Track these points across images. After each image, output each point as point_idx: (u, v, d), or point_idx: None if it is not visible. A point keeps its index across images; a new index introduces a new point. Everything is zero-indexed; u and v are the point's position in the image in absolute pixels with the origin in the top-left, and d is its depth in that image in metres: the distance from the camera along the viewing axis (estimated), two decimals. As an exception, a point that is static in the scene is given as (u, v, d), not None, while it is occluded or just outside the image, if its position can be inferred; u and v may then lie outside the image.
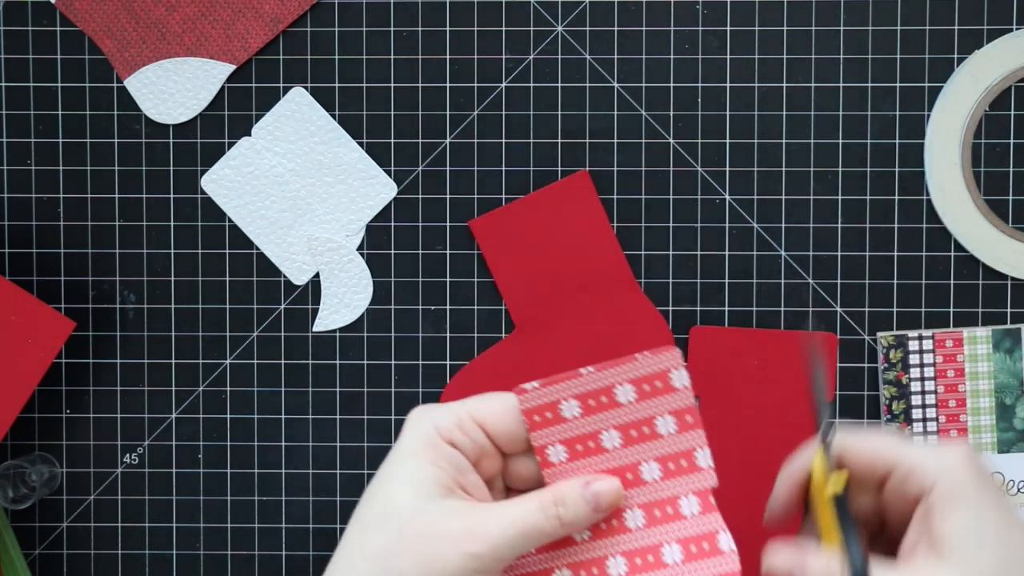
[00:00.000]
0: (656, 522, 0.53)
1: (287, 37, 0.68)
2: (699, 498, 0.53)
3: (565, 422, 0.53)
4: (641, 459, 0.53)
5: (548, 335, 0.67)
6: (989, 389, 0.67)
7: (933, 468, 0.50)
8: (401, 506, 0.50)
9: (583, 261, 0.67)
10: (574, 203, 0.67)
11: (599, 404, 0.53)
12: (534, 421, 0.53)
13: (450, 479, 0.51)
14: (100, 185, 0.68)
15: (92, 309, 0.68)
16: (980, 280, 0.67)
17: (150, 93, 0.68)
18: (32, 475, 0.67)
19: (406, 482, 0.51)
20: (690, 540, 0.53)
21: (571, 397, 0.53)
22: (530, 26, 0.67)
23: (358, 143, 0.68)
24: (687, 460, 0.53)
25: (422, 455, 0.51)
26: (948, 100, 0.67)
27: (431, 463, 0.51)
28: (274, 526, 0.69)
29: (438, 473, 0.51)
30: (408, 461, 0.51)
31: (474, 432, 0.52)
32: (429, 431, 0.52)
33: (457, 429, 0.52)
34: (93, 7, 0.67)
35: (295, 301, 0.68)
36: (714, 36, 0.67)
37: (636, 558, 0.53)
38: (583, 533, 0.53)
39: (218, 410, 0.69)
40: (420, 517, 0.50)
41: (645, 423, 0.53)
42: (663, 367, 0.52)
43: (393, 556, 0.49)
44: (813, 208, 0.67)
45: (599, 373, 0.53)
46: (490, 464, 0.53)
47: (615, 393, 0.53)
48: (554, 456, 0.54)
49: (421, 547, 0.49)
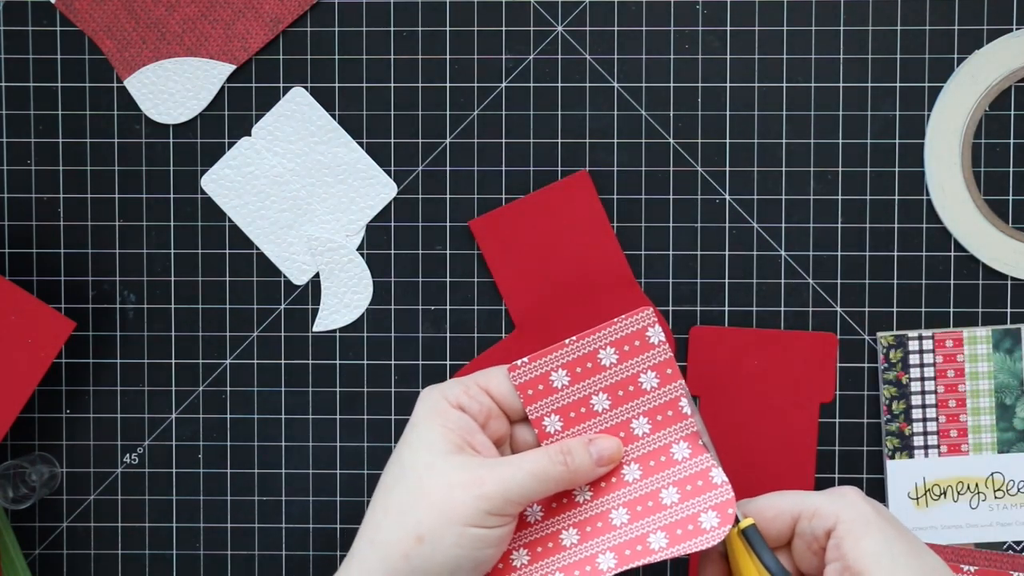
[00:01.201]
0: (652, 471, 0.56)
1: (287, 37, 0.68)
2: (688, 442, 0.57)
3: (556, 392, 0.57)
4: (631, 416, 0.57)
5: (548, 335, 0.67)
6: (989, 389, 0.67)
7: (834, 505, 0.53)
8: (416, 464, 0.54)
9: (583, 261, 0.67)
10: (574, 203, 0.67)
11: (585, 370, 0.57)
12: (528, 395, 0.57)
13: (459, 438, 0.55)
14: (100, 185, 0.68)
15: (92, 309, 0.68)
16: (980, 280, 0.67)
17: (150, 93, 0.68)
18: (32, 475, 0.67)
19: (419, 445, 0.55)
20: (685, 481, 0.56)
21: (559, 367, 0.57)
22: (530, 26, 0.67)
23: (358, 143, 0.68)
24: (673, 410, 0.57)
25: (432, 420, 0.55)
26: (948, 100, 0.67)
27: (441, 426, 0.55)
28: (274, 526, 0.69)
29: (448, 433, 0.55)
30: (420, 428, 0.55)
31: (480, 396, 0.56)
32: (437, 399, 0.56)
33: (464, 395, 0.56)
34: (93, 7, 0.67)
35: (295, 301, 0.68)
36: (714, 36, 0.67)
37: (637, 506, 0.56)
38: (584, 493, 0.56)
39: (218, 410, 0.69)
40: (433, 471, 0.53)
41: (630, 381, 0.57)
42: (640, 326, 0.57)
43: (411, 508, 0.53)
44: (813, 208, 0.67)
45: (582, 341, 0.57)
46: (497, 425, 0.57)
47: (599, 357, 0.57)
48: (550, 426, 0.57)
49: (436, 496, 0.53)
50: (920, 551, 0.53)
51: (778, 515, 0.55)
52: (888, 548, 0.52)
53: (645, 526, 0.54)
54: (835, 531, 0.53)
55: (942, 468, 0.67)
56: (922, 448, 0.67)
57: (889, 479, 0.67)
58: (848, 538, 0.52)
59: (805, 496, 0.55)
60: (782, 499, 0.55)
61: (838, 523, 0.53)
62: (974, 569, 0.66)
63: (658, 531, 0.54)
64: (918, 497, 0.67)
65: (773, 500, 0.55)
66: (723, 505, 0.54)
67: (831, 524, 0.53)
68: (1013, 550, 0.67)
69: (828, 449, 0.68)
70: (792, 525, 0.55)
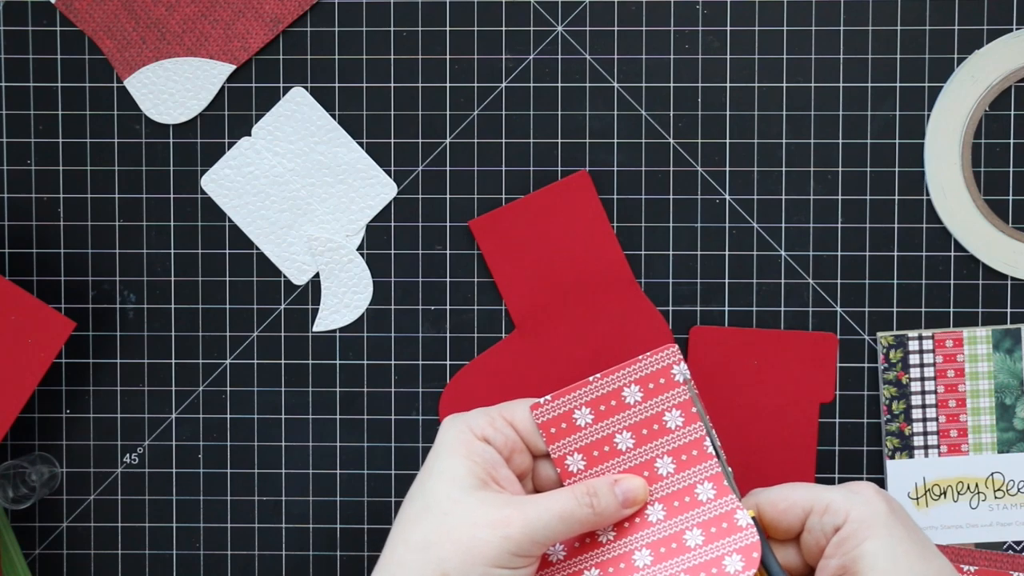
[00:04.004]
0: (676, 512, 0.55)
1: (287, 37, 0.68)
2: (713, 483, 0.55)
3: (579, 430, 0.56)
4: (655, 456, 0.56)
5: (548, 335, 0.67)
6: (989, 389, 0.67)
7: (846, 502, 0.53)
8: (440, 498, 0.53)
9: (583, 261, 0.67)
10: (574, 203, 0.67)
11: (609, 408, 0.56)
12: (550, 433, 0.56)
13: (484, 472, 0.54)
14: (100, 185, 0.68)
15: (92, 309, 0.68)
16: (980, 280, 0.67)
17: (150, 93, 0.68)
18: (32, 475, 0.67)
19: (443, 477, 0.54)
20: (710, 523, 0.55)
21: (582, 405, 0.56)
22: (530, 26, 0.67)
23: (358, 143, 0.68)
24: (697, 450, 0.56)
25: (457, 452, 0.54)
26: (948, 100, 0.67)
27: (466, 458, 0.54)
28: (274, 526, 0.69)
29: (472, 467, 0.54)
30: (444, 458, 0.54)
31: (505, 429, 0.56)
32: (463, 430, 0.55)
33: (489, 426, 0.55)
34: (93, 7, 0.67)
35: (295, 301, 0.68)
36: (714, 36, 0.67)
37: (660, 548, 0.55)
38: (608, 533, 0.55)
39: (218, 410, 0.69)
40: (458, 508, 0.53)
41: (655, 420, 0.55)
42: (665, 363, 0.55)
43: (435, 545, 0.52)
44: (813, 208, 0.67)
45: (606, 378, 0.56)
46: (521, 460, 0.56)
47: (623, 395, 0.55)
48: (573, 465, 0.56)
49: (461, 534, 0.52)
50: (927, 554, 0.52)
51: (790, 508, 0.54)
52: (890, 549, 0.51)
53: (668, 568, 0.54)
54: (842, 528, 0.52)
55: (942, 468, 0.67)
56: (922, 448, 0.67)
57: (889, 479, 0.67)
58: (853, 537, 0.52)
59: (819, 491, 0.54)
60: (795, 492, 0.55)
61: (847, 521, 0.52)
62: (974, 569, 0.67)
63: (681, 573, 0.53)
64: (918, 497, 0.67)
65: (786, 492, 0.55)
66: (748, 548, 0.53)
67: (840, 521, 0.53)
68: (1013, 550, 0.67)
69: (828, 449, 0.68)
70: (803, 519, 0.54)
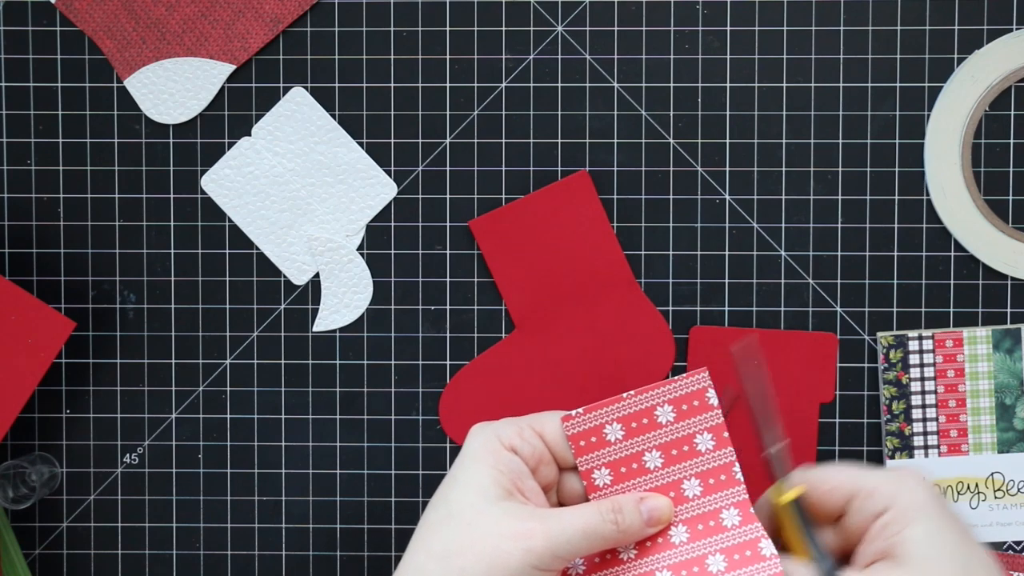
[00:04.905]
0: (699, 535, 0.55)
1: (287, 37, 0.68)
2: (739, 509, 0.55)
3: (609, 445, 0.56)
4: (682, 477, 0.56)
5: (548, 335, 0.67)
6: (989, 389, 0.67)
7: (892, 487, 0.52)
8: (464, 507, 0.53)
9: (583, 261, 0.67)
10: (574, 203, 0.67)
11: (640, 426, 0.56)
12: (580, 446, 0.56)
13: (510, 483, 0.54)
14: (100, 185, 0.68)
15: (92, 309, 0.68)
16: (980, 280, 0.67)
17: (150, 93, 0.68)
18: (32, 475, 0.67)
19: (468, 486, 0.53)
20: (733, 549, 0.54)
21: (614, 421, 0.56)
22: (530, 26, 0.67)
23: (358, 143, 0.68)
24: (726, 475, 0.56)
25: (484, 460, 0.54)
26: (948, 100, 0.67)
27: (492, 467, 0.54)
28: (274, 526, 0.69)
29: (498, 476, 0.53)
30: (470, 467, 0.54)
31: (533, 439, 0.55)
32: (490, 438, 0.55)
33: (517, 436, 0.55)
34: (93, 7, 0.67)
35: (295, 301, 0.68)
36: (714, 36, 0.67)
37: (682, 571, 0.54)
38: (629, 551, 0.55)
39: (218, 410, 0.69)
40: (482, 518, 0.52)
41: (685, 441, 0.56)
42: (700, 386, 0.55)
43: (457, 554, 0.52)
44: (813, 208, 0.67)
45: (640, 396, 0.56)
46: (547, 471, 0.56)
47: (656, 414, 0.55)
48: (599, 479, 0.56)
49: (484, 545, 0.52)
50: (968, 544, 0.52)
51: (834, 490, 0.54)
52: (933, 537, 0.51)
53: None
54: (885, 514, 0.52)
55: (942, 468, 0.67)
56: (922, 448, 0.67)
57: (889, 479, 0.67)
58: (896, 522, 0.51)
59: (864, 475, 0.54)
60: (840, 474, 0.54)
61: (890, 507, 0.52)
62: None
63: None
64: (918, 497, 0.67)
65: (831, 474, 0.54)
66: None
67: (884, 507, 0.52)
68: (1013, 550, 0.67)
69: (828, 449, 0.68)
70: (846, 502, 0.54)
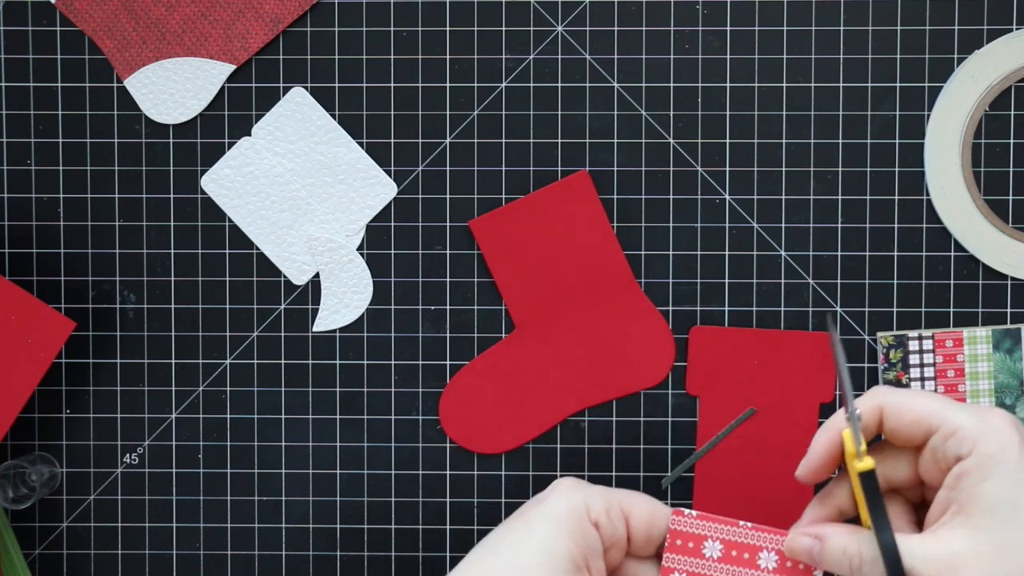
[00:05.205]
0: None
1: (287, 37, 0.68)
2: None
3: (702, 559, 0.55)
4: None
5: (548, 335, 0.67)
6: (989, 389, 0.67)
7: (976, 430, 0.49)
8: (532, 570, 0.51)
9: (583, 261, 0.67)
10: (574, 203, 0.67)
11: (741, 559, 0.55)
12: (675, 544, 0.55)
13: (582, 558, 0.52)
14: (100, 185, 0.68)
15: (92, 309, 0.68)
16: (980, 280, 0.67)
17: (150, 93, 0.68)
18: (32, 475, 0.67)
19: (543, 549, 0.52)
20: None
21: (718, 539, 0.55)
22: (530, 26, 0.67)
23: (358, 143, 0.68)
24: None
25: (565, 527, 0.52)
26: (948, 100, 0.67)
27: (571, 536, 0.52)
28: (274, 526, 0.69)
29: (574, 549, 0.52)
30: (552, 525, 0.53)
31: (618, 520, 0.54)
32: (579, 505, 0.53)
33: (605, 514, 0.53)
34: (93, 7, 0.67)
35: (295, 301, 0.68)
36: (714, 36, 0.67)
37: None
38: None
39: (218, 410, 0.69)
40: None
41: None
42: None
43: None
44: (813, 208, 0.67)
45: (754, 532, 0.55)
46: (615, 555, 0.55)
47: (759, 556, 0.55)
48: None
49: None
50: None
51: (916, 421, 0.51)
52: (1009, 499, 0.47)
53: None
54: (965, 460, 0.48)
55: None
56: (922, 448, 0.67)
57: (889, 479, 0.67)
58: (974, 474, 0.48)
59: (949, 409, 0.50)
60: (925, 403, 0.51)
61: (972, 453, 0.48)
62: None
63: None
64: (918, 497, 0.67)
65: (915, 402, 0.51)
66: None
67: (966, 451, 0.49)
68: (1013, 550, 0.67)
69: (828, 449, 0.67)
70: (927, 436, 0.50)
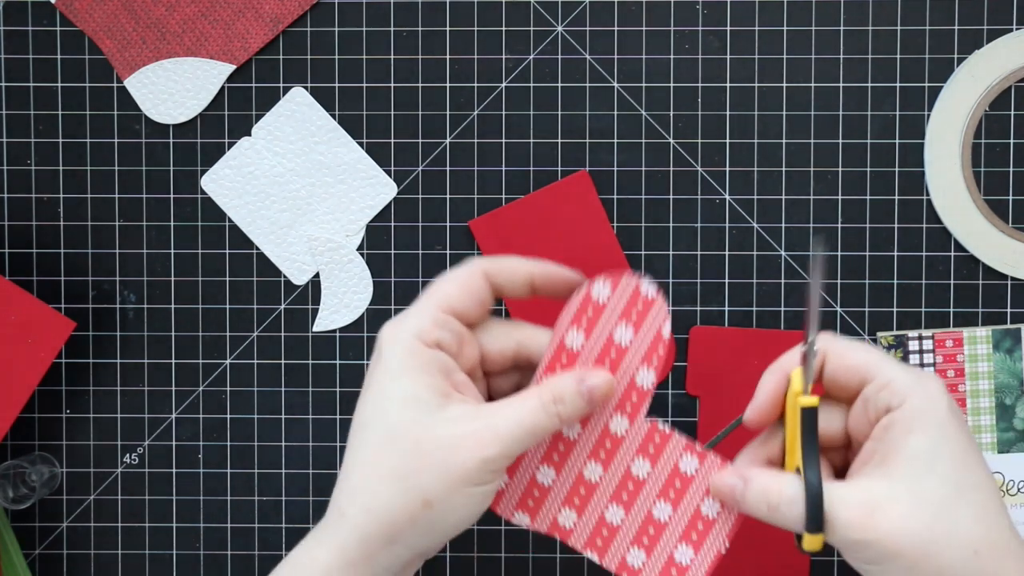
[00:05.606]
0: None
1: (287, 37, 0.68)
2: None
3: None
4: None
5: (548, 335, 0.67)
6: (989, 389, 0.67)
7: (909, 385, 0.50)
8: (407, 425, 0.51)
9: (583, 261, 0.67)
10: (574, 203, 0.67)
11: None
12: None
13: (444, 384, 0.51)
14: (100, 185, 0.68)
15: (92, 309, 0.68)
16: (980, 280, 0.67)
17: (150, 93, 0.68)
18: (32, 475, 0.67)
19: (405, 401, 0.51)
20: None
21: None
22: (530, 26, 0.67)
23: (358, 143, 0.68)
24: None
25: (412, 367, 0.51)
26: (948, 100, 0.67)
27: (423, 373, 0.51)
28: (274, 526, 0.69)
29: (432, 382, 0.51)
30: (400, 378, 0.51)
31: (450, 323, 0.52)
32: (411, 342, 0.52)
33: (436, 328, 0.52)
34: (93, 7, 0.67)
35: (295, 301, 0.68)
36: (714, 36, 0.67)
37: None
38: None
39: (218, 410, 0.69)
40: (429, 433, 0.50)
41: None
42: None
43: (412, 474, 0.50)
44: (813, 208, 0.67)
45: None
46: (470, 352, 0.54)
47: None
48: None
49: (438, 458, 0.50)
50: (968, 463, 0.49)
51: (854, 367, 0.51)
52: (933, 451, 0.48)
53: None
54: (894, 412, 0.49)
55: (942, 468, 0.67)
56: (922, 448, 0.67)
57: (889, 479, 0.67)
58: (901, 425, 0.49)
59: (886, 362, 0.51)
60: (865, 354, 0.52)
61: (902, 406, 0.49)
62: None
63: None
64: (918, 497, 0.67)
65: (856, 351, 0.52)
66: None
67: (896, 403, 0.50)
68: (1013, 550, 0.67)
69: (828, 449, 0.67)
70: (861, 385, 0.51)
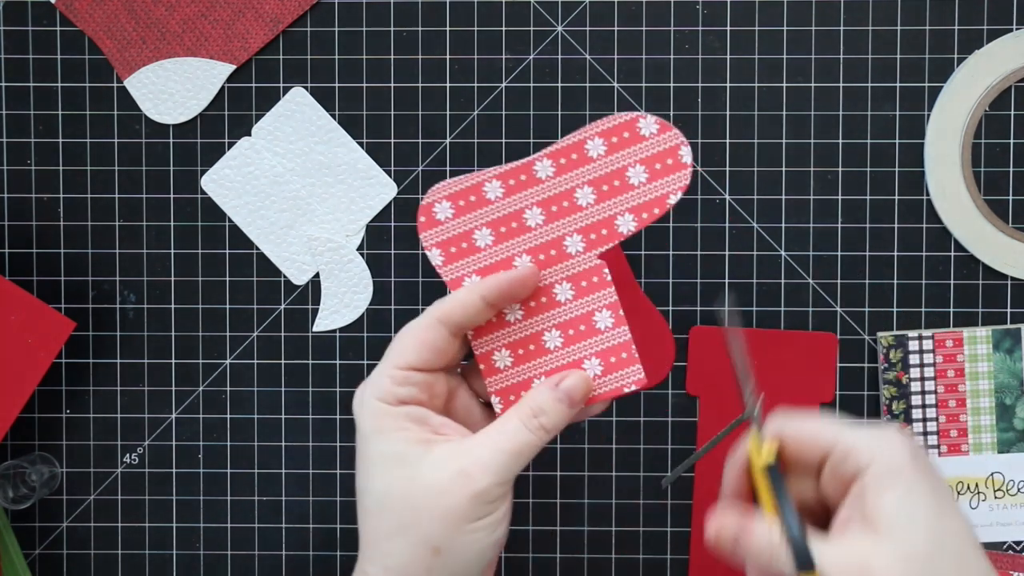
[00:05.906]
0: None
1: (287, 37, 0.68)
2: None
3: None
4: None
5: (548, 335, 0.67)
6: (989, 389, 0.67)
7: (869, 448, 0.50)
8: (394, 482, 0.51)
9: (583, 261, 0.67)
10: (574, 203, 0.67)
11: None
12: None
13: (421, 432, 0.52)
14: (100, 185, 0.68)
15: (92, 309, 0.68)
16: (980, 280, 0.67)
17: (150, 93, 0.68)
18: (32, 475, 0.67)
19: (387, 457, 0.52)
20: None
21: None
22: (530, 26, 0.67)
23: (358, 143, 0.68)
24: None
25: (384, 428, 0.52)
26: (948, 100, 0.67)
27: (395, 429, 0.52)
28: (274, 526, 0.69)
29: (407, 435, 0.52)
30: (376, 440, 0.52)
31: (410, 378, 0.53)
32: (375, 407, 0.52)
33: (395, 387, 0.52)
34: (93, 7, 0.67)
35: (295, 301, 0.68)
36: (714, 36, 0.67)
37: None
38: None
39: (218, 410, 0.69)
40: (417, 483, 0.51)
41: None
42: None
43: (414, 525, 0.51)
44: (813, 208, 0.67)
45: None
46: (440, 388, 0.54)
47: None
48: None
49: (431, 504, 0.50)
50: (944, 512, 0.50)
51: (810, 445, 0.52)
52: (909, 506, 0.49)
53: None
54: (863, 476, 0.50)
55: (942, 468, 0.67)
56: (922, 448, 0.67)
57: (889, 479, 0.67)
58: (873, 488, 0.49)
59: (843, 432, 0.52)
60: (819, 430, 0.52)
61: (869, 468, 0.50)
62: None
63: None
64: (918, 497, 0.67)
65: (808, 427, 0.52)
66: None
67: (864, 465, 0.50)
68: (1013, 550, 0.67)
69: (828, 449, 0.67)
70: (824, 457, 0.52)
